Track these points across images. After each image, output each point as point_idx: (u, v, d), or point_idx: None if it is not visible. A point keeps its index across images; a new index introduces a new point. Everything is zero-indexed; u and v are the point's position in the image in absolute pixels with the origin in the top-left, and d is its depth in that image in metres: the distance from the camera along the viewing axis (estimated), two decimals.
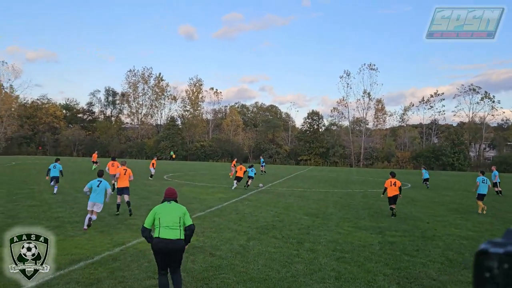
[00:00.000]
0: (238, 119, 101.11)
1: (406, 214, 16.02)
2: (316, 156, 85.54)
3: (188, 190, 21.98)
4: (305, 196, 21.26)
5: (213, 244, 9.98)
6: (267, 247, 9.82)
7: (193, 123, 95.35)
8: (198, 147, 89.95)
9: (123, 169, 14.59)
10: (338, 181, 35.24)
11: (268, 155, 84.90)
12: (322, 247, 10.07)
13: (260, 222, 13.03)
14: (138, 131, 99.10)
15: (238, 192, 22.25)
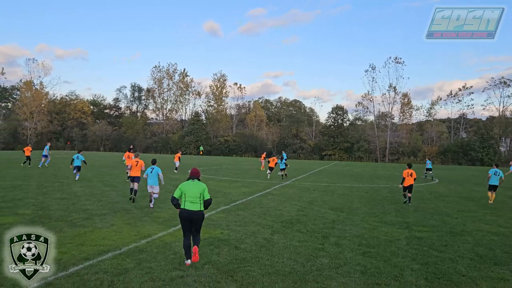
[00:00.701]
0: (261, 114, 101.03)
1: (434, 209, 15.70)
2: (340, 151, 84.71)
3: (213, 184, 22.14)
4: (329, 190, 21.12)
5: (237, 237, 10.03)
6: (292, 241, 9.80)
7: (217, 118, 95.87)
8: (222, 142, 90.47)
9: (135, 161, 16.06)
10: (363, 176, 34.84)
11: (292, 150, 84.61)
12: (347, 241, 9.98)
13: (284, 216, 13.01)
14: (163, 126, 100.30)
15: (262, 186, 22.27)
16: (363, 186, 24.33)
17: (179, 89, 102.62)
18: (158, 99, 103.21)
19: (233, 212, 13.50)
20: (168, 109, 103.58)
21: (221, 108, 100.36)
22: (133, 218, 12.08)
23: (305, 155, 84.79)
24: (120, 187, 19.31)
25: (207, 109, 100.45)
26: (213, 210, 13.63)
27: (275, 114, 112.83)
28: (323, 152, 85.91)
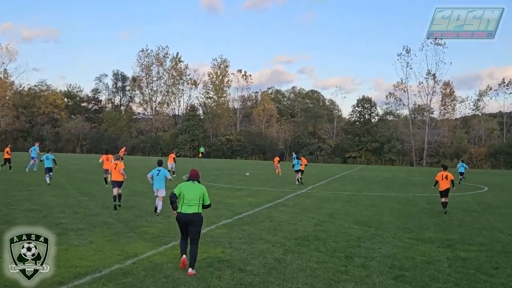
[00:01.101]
0: (271, 108, 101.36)
1: (482, 223, 15.62)
2: (367, 152, 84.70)
3: (213, 193, 22.21)
4: (354, 201, 21.11)
5: (242, 257, 10.05)
6: (308, 262, 9.80)
7: (217, 112, 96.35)
8: (223, 142, 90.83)
9: (114, 164, 16.97)
10: (395, 182, 34.79)
11: (308, 151, 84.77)
12: (376, 263, 9.97)
13: (299, 232, 13.02)
14: (152, 123, 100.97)
15: (272, 195, 22.30)
16: (395, 196, 24.26)
17: (171, 78, 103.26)
18: (146, 90, 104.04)
19: (237, 226, 13.53)
20: (158, 102, 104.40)
21: (222, 101, 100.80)
22: (116, 233, 12.15)
23: (324, 157, 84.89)
24: (100, 196, 19.45)
25: (205, 102, 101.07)
26: (213, 224, 13.68)
27: (288, 107, 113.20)
28: (346, 153, 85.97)
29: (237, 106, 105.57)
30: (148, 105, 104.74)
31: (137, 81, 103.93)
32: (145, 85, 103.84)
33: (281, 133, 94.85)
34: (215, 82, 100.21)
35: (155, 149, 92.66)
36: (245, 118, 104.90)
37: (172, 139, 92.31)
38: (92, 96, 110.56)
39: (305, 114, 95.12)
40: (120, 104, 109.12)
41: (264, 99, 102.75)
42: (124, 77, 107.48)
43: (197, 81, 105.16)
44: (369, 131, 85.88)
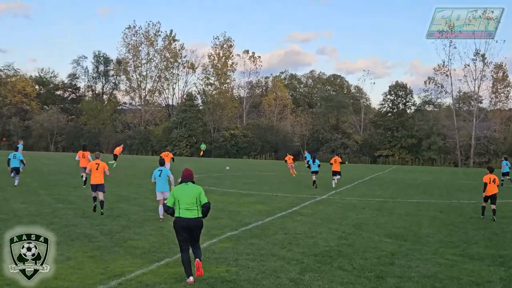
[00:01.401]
0: (285, 96, 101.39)
1: None
2: (402, 150, 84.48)
3: (214, 199, 22.23)
4: (386, 208, 21.11)
5: (251, 277, 10.06)
6: (331, 283, 9.79)
7: (219, 102, 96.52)
8: (226, 138, 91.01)
9: (95, 163, 17.42)
10: (436, 187, 34.64)
11: (329, 148, 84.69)
12: (413, 284, 9.94)
13: (319, 247, 13.01)
14: (141, 115, 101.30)
15: (286, 201, 22.31)
16: (436, 203, 24.20)
17: (163, 60, 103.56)
18: (134, 75, 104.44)
19: (244, 240, 13.54)
20: (148, 90, 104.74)
21: (226, 88, 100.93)
22: (98, 248, 12.20)
23: (349, 156, 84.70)
24: (79, 204, 19.54)
25: (204, 90, 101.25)
26: (215, 237, 13.71)
27: (305, 96, 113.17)
28: (376, 151, 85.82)
29: (244, 94, 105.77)
30: (136, 93, 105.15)
31: (122, 65, 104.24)
32: (132, 69, 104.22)
33: (296, 126, 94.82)
34: (217, 65, 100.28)
35: (145, 146, 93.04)
36: (253, 109, 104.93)
37: (165, 134, 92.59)
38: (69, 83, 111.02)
39: (326, 104, 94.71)
40: (102, 93, 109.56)
41: (276, 86, 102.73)
42: (107, 60, 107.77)
43: (195, 65, 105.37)
44: (404, 124, 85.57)
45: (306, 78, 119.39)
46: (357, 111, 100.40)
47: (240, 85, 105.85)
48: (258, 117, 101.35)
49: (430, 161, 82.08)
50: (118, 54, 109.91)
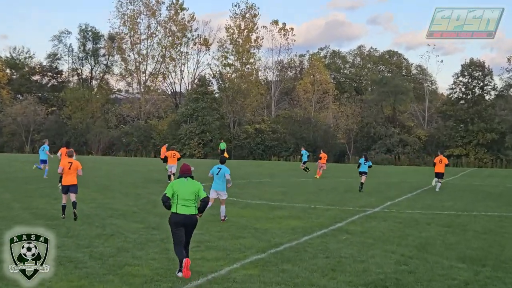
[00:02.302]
0: (326, 80, 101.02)
1: None
2: (479, 148, 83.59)
3: (235, 214, 22.26)
4: (458, 224, 20.99)
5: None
6: None
7: (240, 88, 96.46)
8: (250, 134, 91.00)
9: (68, 162, 19.65)
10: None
11: (384, 147, 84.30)
12: None
13: (371, 274, 12.98)
14: (140, 106, 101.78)
15: (328, 216, 22.25)
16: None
17: (168, 35, 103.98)
18: (131, 55, 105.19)
19: (274, 265, 13.55)
20: (149, 73, 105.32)
21: (249, 70, 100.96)
22: (87, 276, 12.29)
23: (410, 156, 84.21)
24: (63, 220, 19.68)
25: (221, 72, 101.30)
26: (237, 262, 13.74)
27: (352, 79, 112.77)
28: (445, 150, 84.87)
29: (272, 77, 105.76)
30: (134, 78, 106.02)
31: (116, 41, 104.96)
32: (129, 47, 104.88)
33: (341, 119, 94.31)
34: (237, 41, 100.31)
35: (145, 145, 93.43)
36: (284, 97, 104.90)
37: (171, 130, 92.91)
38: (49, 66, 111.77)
39: (379, 89, 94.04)
40: (91, 77, 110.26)
41: (315, 67, 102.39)
42: (97, 36, 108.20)
43: (209, 40, 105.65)
44: (481, 115, 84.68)
45: (353, 56, 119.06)
46: (419, 98, 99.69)
47: (267, 66, 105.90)
48: (291, 107, 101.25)
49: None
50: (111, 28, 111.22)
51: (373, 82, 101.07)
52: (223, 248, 15.03)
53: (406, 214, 23.56)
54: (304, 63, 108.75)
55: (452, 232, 19.22)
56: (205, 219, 20.17)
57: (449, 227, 20.17)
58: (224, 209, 20.36)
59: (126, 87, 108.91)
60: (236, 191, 32.52)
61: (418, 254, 15.23)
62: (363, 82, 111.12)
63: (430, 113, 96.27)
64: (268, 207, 25.02)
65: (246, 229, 18.61)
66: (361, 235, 18.10)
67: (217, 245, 15.52)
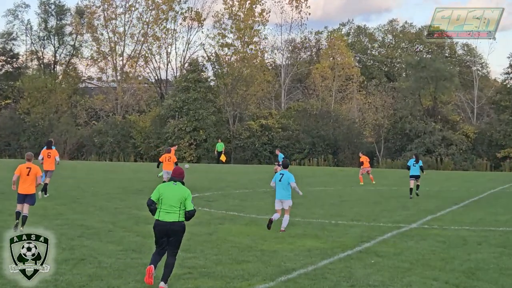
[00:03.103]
0: (349, 63, 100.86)
1: None
2: None
3: (236, 232, 22.31)
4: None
5: None
6: None
7: (242, 74, 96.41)
8: (255, 131, 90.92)
9: (26, 167, 20.94)
10: None
11: (423, 146, 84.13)
12: None
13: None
14: (117, 97, 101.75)
15: (353, 235, 22.23)
16: None
17: (152, 8, 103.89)
18: (104, 33, 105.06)
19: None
20: (127, 56, 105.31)
21: (252, 52, 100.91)
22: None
23: (455, 158, 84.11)
24: None
25: (218, 54, 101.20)
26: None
27: (382, 62, 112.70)
28: (499, 151, 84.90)
29: (282, 61, 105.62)
30: (108, 62, 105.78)
31: (86, 16, 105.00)
32: (101, 24, 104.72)
33: (368, 112, 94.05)
34: (238, 14, 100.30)
35: (123, 147, 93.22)
36: (296, 85, 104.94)
37: (155, 127, 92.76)
38: (1, 48, 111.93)
39: (416, 74, 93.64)
40: (54, 62, 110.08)
41: (335, 47, 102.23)
42: (62, 10, 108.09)
43: (203, 14, 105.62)
44: None
45: (383, 33, 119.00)
46: (467, 85, 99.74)
47: (275, 46, 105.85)
48: (306, 97, 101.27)
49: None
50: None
51: (409, 65, 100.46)
52: (222, 275, 15.03)
53: (451, 232, 23.55)
54: (321, 43, 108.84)
55: (509, 253, 19.18)
56: (200, 239, 20.26)
57: (505, 248, 20.14)
58: (288, 219, 22.62)
59: (99, 74, 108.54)
60: (238, 203, 32.61)
61: (466, 282, 15.23)
62: (396, 65, 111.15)
63: (480, 104, 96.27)
64: (277, 224, 25.07)
65: (251, 251, 18.62)
66: (394, 258, 18.10)
67: (214, 272, 15.50)
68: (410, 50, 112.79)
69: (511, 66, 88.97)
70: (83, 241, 19.86)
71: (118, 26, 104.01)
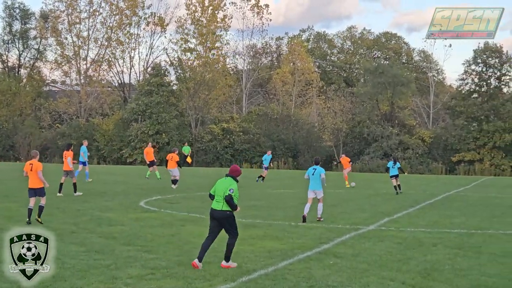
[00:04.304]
0: (308, 68, 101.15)
1: None
2: (495, 152, 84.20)
3: (198, 233, 22.26)
4: (471, 246, 21.14)
5: None
6: None
7: (204, 78, 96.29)
8: (216, 135, 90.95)
9: (29, 163, 23.18)
10: None
11: (380, 150, 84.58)
12: None
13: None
14: (81, 100, 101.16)
15: (312, 236, 22.27)
16: None
17: (115, 13, 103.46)
18: (69, 37, 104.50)
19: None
20: (91, 60, 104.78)
21: (214, 56, 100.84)
22: None
23: (412, 162, 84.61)
24: None
25: (180, 59, 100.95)
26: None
27: (341, 67, 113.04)
28: (453, 155, 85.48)
29: (243, 66, 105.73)
30: (72, 66, 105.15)
31: (50, 21, 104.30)
32: (66, 28, 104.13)
33: (327, 116, 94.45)
34: (200, 20, 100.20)
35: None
36: (257, 89, 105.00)
37: (118, 130, 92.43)
38: None
39: (374, 80, 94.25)
40: (18, 65, 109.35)
41: (295, 52, 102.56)
42: (27, 14, 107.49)
43: (166, 20, 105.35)
44: (499, 112, 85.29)
45: (342, 40, 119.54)
46: (423, 91, 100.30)
47: (237, 51, 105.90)
48: (266, 102, 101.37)
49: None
50: (44, 3, 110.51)
51: (367, 71, 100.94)
52: (184, 276, 15.01)
53: (408, 233, 23.70)
54: (282, 48, 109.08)
55: (463, 255, 19.33)
56: (162, 241, 20.22)
57: (459, 249, 20.29)
58: (322, 207, 26.35)
59: (63, 78, 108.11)
60: (200, 205, 32.51)
61: (422, 282, 15.34)
62: (354, 71, 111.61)
63: (436, 110, 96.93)
64: (238, 225, 25.03)
65: (212, 252, 18.55)
66: (352, 259, 18.15)
67: (176, 272, 15.50)
68: (368, 56, 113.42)
69: (465, 72, 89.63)
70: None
71: (82, 30, 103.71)
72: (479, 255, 19.26)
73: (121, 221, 25.36)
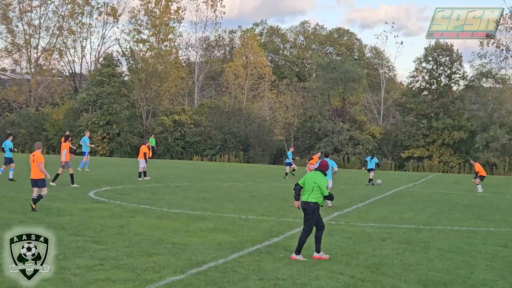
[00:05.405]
0: (261, 62, 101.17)
1: None
2: (444, 149, 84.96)
3: (148, 225, 22.13)
4: (419, 241, 21.37)
5: None
6: None
7: (156, 70, 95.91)
8: (168, 127, 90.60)
9: (32, 155, 24.21)
10: (497, 207, 34.96)
11: (331, 145, 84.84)
12: None
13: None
14: (30, 89, 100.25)
15: (262, 229, 22.29)
16: (498, 232, 24.49)
17: (67, 2, 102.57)
18: (19, 25, 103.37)
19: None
20: (42, 49, 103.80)
21: (167, 48, 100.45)
22: None
23: (362, 158, 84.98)
24: None
25: (132, 50, 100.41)
26: (150, 284, 13.67)
27: (293, 62, 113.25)
28: (403, 151, 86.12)
29: (196, 58, 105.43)
30: (22, 54, 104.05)
31: (1, 8, 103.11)
32: (16, 16, 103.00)
33: (279, 110, 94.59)
34: (154, 11, 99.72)
35: (36, 138, 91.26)
36: (210, 82, 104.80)
37: (68, 120, 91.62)
38: None
39: (326, 76, 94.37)
40: None
41: (248, 46, 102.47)
42: None
43: (118, 10, 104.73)
44: (448, 109, 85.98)
45: (295, 34, 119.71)
46: (374, 87, 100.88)
47: (190, 43, 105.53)
48: (218, 94, 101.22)
49: (488, 166, 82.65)
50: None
51: (319, 66, 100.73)
52: (133, 267, 14.90)
53: (357, 228, 23.82)
54: (235, 41, 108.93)
55: (412, 250, 19.48)
56: (112, 232, 20.08)
57: (408, 244, 20.44)
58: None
59: (13, 66, 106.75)
60: (149, 196, 32.39)
61: (371, 276, 15.42)
62: (307, 66, 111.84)
63: (386, 106, 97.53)
64: (188, 218, 24.93)
65: (162, 244, 18.49)
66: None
67: (125, 264, 15.38)
68: (320, 51, 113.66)
69: (416, 69, 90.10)
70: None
71: (34, 18, 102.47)
72: (427, 250, 19.43)
73: (70, 211, 25.11)
